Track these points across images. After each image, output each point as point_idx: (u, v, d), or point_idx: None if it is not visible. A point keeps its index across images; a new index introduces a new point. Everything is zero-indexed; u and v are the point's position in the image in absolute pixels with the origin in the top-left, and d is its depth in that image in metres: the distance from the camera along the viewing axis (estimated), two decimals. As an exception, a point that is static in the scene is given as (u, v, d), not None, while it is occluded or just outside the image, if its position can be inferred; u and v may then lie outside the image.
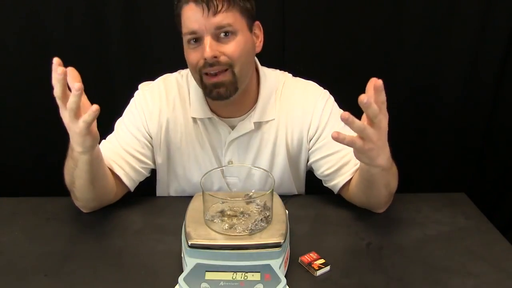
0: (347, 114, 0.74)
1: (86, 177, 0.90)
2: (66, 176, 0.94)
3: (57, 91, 0.78)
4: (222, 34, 0.93)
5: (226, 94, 0.96)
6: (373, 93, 0.75)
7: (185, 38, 0.95)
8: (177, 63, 1.14)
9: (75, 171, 0.90)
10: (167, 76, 1.10)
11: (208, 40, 0.92)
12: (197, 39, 0.94)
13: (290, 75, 1.12)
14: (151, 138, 1.06)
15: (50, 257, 0.86)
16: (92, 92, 1.51)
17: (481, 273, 0.83)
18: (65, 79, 0.77)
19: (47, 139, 1.52)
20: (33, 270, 0.83)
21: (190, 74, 1.08)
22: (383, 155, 0.82)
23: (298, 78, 1.12)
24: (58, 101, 0.79)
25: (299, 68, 1.14)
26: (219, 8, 0.91)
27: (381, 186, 0.93)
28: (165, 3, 1.37)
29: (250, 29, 0.98)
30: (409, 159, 1.55)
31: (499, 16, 1.44)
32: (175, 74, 1.11)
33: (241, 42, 0.95)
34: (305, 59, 1.46)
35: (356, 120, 0.76)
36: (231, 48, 0.94)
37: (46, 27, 1.39)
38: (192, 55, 0.95)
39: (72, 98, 0.77)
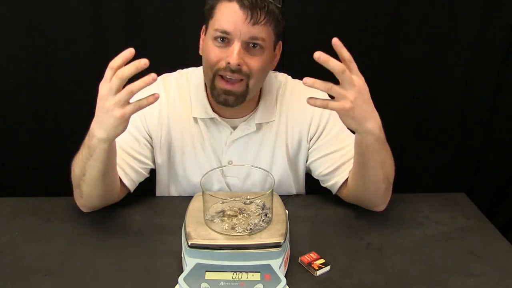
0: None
1: (99, 168, 0.88)
2: (76, 168, 0.92)
3: (126, 73, 0.76)
4: (251, 45, 0.92)
5: (233, 104, 0.96)
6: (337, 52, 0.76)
7: (213, 33, 0.92)
8: (176, 62, 1.14)
9: (88, 161, 0.87)
10: (166, 76, 1.09)
11: (238, 46, 0.90)
12: (225, 39, 0.92)
13: (290, 77, 1.12)
14: (151, 138, 1.06)
15: (50, 257, 0.86)
16: (91, 91, 1.52)
17: (481, 273, 0.83)
18: (139, 70, 0.77)
19: (48, 139, 1.52)
20: (33, 270, 0.83)
21: (190, 74, 1.08)
22: (372, 120, 0.83)
23: (297, 80, 1.12)
24: (118, 81, 0.77)
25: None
26: (260, 19, 0.90)
27: (376, 164, 0.91)
28: (165, 3, 1.38)
29: (275, 47, 0.99)
30: (409, 159, 1.55)
31: (498, 18, 1.45)
32: (174, 74, 1.10)
33: (265, 58, 0.95)
34: (304, 61, 1.45)
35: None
36: (256, 62, 0.93)
37: (45, 28, 1.39)
38: (214, 53, 0.93)
39: (131, 67, 0.76)
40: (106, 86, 0.78)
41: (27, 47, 1.41)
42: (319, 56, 0.75)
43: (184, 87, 1.07)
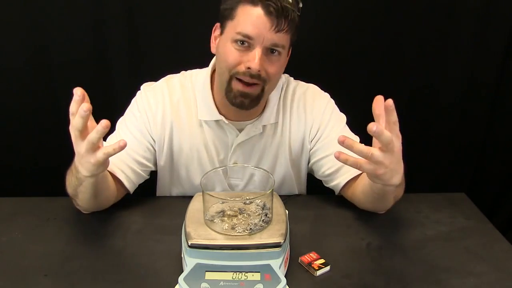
0: (343, 137, 0.72)
1: (90, 193, 0.90)
2: (69, 189, 0.93)
3: (77, 125, 0.74)
4: (271, 51, 0.92)
5: (249, 106, 0.96)
6: (384, 114, 0.72)
7: (234, 36, 0.91)
8: (178, 62, 1.14)
9: (79, 187, 0.89)
10: (170, 78, 1.09)
11: (259, 52, 0.90)
12: (245, 43, 0.91)
13: (291, 78, 1.12)
14: (154, 141, 1.05)
15: (50, 257, 0.87)
16: (92, 91, 1.52)
17: (481, 273, 0.83)
18: (89, 115, 0.74)
19: (48, 139, 1.52)
20: (33, 270, 0.83)
21: (194, 75, 1.06)
22: (398, 175, 0.80)
23: (299, 81, 1.12)
24: (75, 131, 0.75)
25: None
26: (283, 27, 0.90)
27: (391, 198, 0.94)
28: (166, 3, 1.38)
29: (288, 53, 0.99)
30: (409, 159, 1.54)
31: (499, 16, 1.45)
32: (178, 75, 1.09)
33: (282, 64, 0.96)
34: (306, 60, 1.45)
35: (356, 145, 0.73)
36: (274, 68, 0.94)
37: (47, 27, 1.39)
38: (233, 55, 0.92)
39: (78, 119, 0.73)
40: (73, 132, 0.77)
41: (27, 47, 1.41)
42: (374, 128, 0.70)
43: (188, 89, 1.06)
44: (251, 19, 0.89)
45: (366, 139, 1.04)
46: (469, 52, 1.49)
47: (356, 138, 1.07)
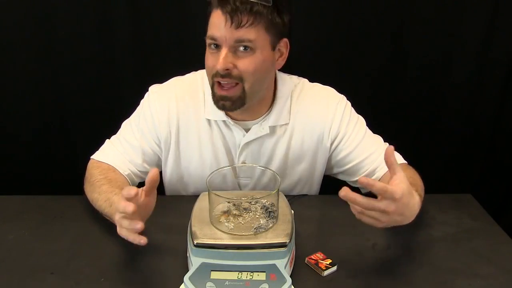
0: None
1: None
2: (94, 205, 0.95)
3: (124, 233, 0.77)
4: (241, 48, 0.91)
5: (231, 108, 0.96)
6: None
7: (207, 41, 0.94)
8: (184, 63, 1.13)
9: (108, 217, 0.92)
10: (178, 79, 1.09)
11: (224, 52, 0.91)
12: (217, 45, 0.93)
13: (307, 80, 1.11)
14: (160, 142, 1.06)
15: (56, 255, 0.87)
16: (97, 90, 1.53)
17: (488, 275, 0.83)
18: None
19: (55, 138, 1.53)
20: (39, 268, 0.83)
21: (205, 75, 1.07)
22: (411, 216, 0.79)
23: (316, 84, 1.11)
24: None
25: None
26: (243, 22, 0.89)
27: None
28: (172, 4, 1.38)
29: (274, 46, 0.96)
30: (415, 159, 1.55)
31: (508, 18, 1.44)
32: (189, 75, 1.09)
33: (258, 59, 0.93)
34: (310, 60, 1.45)
35: (378, 183, 0.72)
36: (246, 64, 0.92)
37: (53, 27, 1.39)
38: (209, 59, 0.95)
39: (125, 232, 0.77)
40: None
41: (34, 46, 1.41)
42: (366, 181, 0.72)
43: (198, 88, 1.06)
44: (214, 22, 0.92)
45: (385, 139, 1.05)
46: (476, 52, 1.48)
47: (379, 138, 1.09)
